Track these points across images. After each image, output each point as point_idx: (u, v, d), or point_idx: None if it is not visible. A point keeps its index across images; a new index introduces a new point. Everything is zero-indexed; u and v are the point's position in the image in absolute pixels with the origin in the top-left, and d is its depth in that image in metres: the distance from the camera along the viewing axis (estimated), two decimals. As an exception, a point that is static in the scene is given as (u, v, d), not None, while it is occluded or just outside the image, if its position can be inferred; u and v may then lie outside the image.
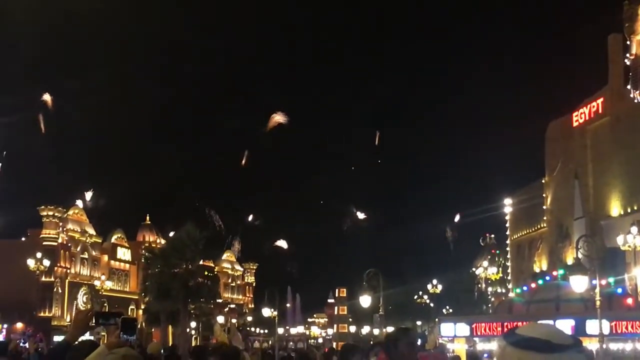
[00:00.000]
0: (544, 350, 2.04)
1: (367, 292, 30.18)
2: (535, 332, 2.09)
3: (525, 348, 2.06)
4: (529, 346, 2.05)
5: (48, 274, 63.13)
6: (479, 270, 64.92)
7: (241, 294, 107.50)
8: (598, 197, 42.10)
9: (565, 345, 2.07)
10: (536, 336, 2.07)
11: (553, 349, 2.04)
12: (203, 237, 46.33)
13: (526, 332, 2.10)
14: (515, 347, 2.08)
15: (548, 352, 2.03)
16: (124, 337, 4.29)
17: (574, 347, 2.08)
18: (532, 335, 2.08)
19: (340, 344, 46.94)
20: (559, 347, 2.05)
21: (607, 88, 42.22)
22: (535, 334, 2.08)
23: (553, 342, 2.05)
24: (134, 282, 79.90)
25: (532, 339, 2.07)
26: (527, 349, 2.05)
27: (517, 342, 2.08)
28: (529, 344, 2.06)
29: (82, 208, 75.29)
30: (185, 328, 46.00)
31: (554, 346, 2.05)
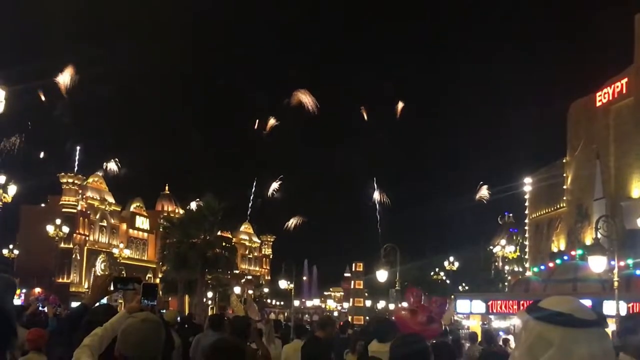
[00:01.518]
0: (567, 324, 1.99)
1: (384, 267, 30.19)
2: (559, 307, 2.04)
3: (548, 322, 2.01)
4: (551, 320, 2.01)
5: (67, 240, 63.74)
6: (496, 249, 64.83)
7: (258, 265, 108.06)
8: (619, 178, 41.73)
9: (588, 321, 2.01)
10: (560, 310, 2.03)
11: (576, 323, 1.99)
12: (221, 208, 46.50)
13: (549, 306, 2.05)
14: (538, 320, 2.03)
15: (570, 327, 1.99)
16: (144, 302, 4.30)
17: (598, 323, 2.03)
18: (556, 309, 2.03)
19: (356, 317, 47.21)
20: (583, 322, 2.00)
21: (631, 68, 41.69)
22: (559, 308, 2.03)
23: (576, 317, 2.01)
24: (152, 251, 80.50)
25: (555, 313, 2.02)
26: (550, 323, 2.00)
27: (540, 316, 2.04)
28: (551, 318, 2.01)
29: (101, 176, 75.80)
30: (202, 298, 46.35)
31: (576, 321, 2.00)
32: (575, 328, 1.99)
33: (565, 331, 1.98)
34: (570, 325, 1.99)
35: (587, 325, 2.00)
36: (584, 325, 2.00)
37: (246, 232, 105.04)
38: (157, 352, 3.81)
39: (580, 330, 1.99)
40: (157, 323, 3.88)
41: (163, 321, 8.78)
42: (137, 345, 3.73)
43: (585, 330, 1.99)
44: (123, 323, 3.87)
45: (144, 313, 3.93)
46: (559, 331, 1.99)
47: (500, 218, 71.86)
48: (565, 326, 1.99)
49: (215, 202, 46.74)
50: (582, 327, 1.99)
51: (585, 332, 1.99)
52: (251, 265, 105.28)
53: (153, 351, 3.79)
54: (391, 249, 31.88)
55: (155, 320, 3.89)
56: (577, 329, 1.99)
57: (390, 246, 32.08)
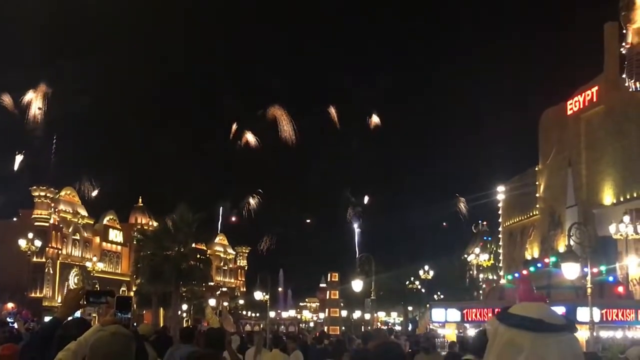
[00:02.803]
0: (537, 329, 1.99)
1: (359, 277, 30.25)
2: (528, 312, 2.05)
3: (518, 327, 2.01)
4: (521, 325, 2.01)
5: (39, 254, 63.02)
6: (470, 257, 65.16)
7: (233, 277, 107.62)
8: (591, 186, 42.14)
9: (558, 326, 2.02)
10: (529, 316, 2.03)
11: (546, 328, 2.00)
12: (196, 219, 46.26)
13: (519, 312, 2.06)
14: (508, 326, 2.03)
15: (541, 332, 1.99)
16: (119, 316, 4.25)
17: (567, 328, 2.04)
18: (525, 315, 2.04)
19: (332, 327, 47.13)
20: (552, 326, 2.01)
21: (602, 77, 42.19)
22: (529, 314, 2.04)
23: (546, 322, 2.01)
24: (126, 264, 79.93)
25: (524, 318, 2.03)
26: (519, 328, 2.01)
27: (510, 322, 2.04)
28: (521, 323, 2.01)
29: (74, 189, 75.26)
30: (176, 310, 45.99)
31: (546, 326, 2.00)
32: (545, 333, 1.99)
33: (536, 336, 1.99)
34: (540, 331, 1.99)
35: (557, 330, 2.01)
36: (554, 330, 2.00)
37: (221, 244, 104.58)
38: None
39: (550, 335, 1.99)
40: (127, 336, 3.84)
41: (137, 335, 8.73)
42: (106, 358, 3.69)
43: (555, 335, 2.00)
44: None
45: (114, 326, 3.88)
46: (529, 336, 1.99)
47: (475, 226, 72.24)
48: (535, 331, 1.99)
49: (190, 213, 46.50)
50: (552, 332, 2.00)
51: (555, 337, 2.00)
52: (226, 277, 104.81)
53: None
54: (366, 258, 31.95)
55: (125, 333, 3.84)
56: (547, 334, 1.99)
57: (365, 256, 32.17)
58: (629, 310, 21.83)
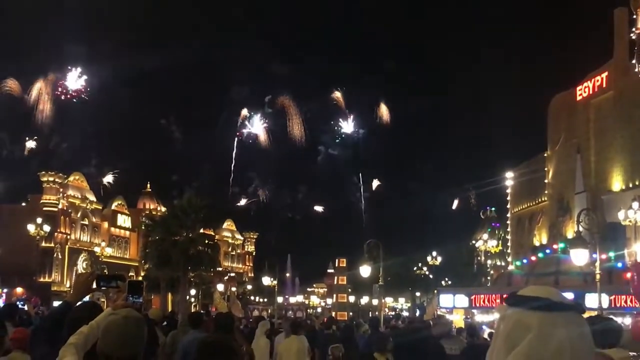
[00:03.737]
0: (545, 309, 1.98)
1: (367, 263, 30.25)
2: (536, 293, 2.05)
3: (526, 307, 2.00)
4: (529, 305, 2.00)
5: (48, 239, 63.26)
6: (478, 243, 65.06)
7: (241, 262, 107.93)
8: (600, 172, 42.01)
9: (566, 304, 2.02)
10: (536, 295, 2.03)
11: (553, 307, 1.99)
12: (204, 205, 46.39)
13: (527, 293, 2.06)
14: (515, 307, 2.03)
15: (548, 311, 1.98)
16: (130, 300, 4.26)
17: (575, 307, 2.03)
18: (532, 295, 2.04)
19: (340, 313, 47.27)
20: (560, 305, 2.00)
21: (611, 62, 41.96)
22: (536, 294, 2.04)
23: (553, 301, 2.01)
24: (134, 249, 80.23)
25: (532, 299, 2.02)
26: (528, 309, 2.00)
27: (517, 302, 2.03)
28: (529, 304, 2.01)
29: (82, 174, 75.47)
30: (184, 295, 46.22)
31: (554, 304, 1.99)
32: (553, 312, 1.98)
33: (543, 315, 1.97)
34: (548, 310, 1.98)
35: (564, 309, 2.00)
36: (562, 309, 1.99)
37: (229, 229, 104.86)
38: (139, 348, 3.77)
39: (558, 314, 1.98)
40: (139, 319, 3.84)
41: (148, 319, 8.76)
42: (118, 342, 3.69)
43: (563, 314, 1.99)
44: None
45: (125, 310, 3.89)
46: (537, 315, 1.98)
47: (483, 212, 72.14)
48: (543, 311, 1.98)
49: (197, 199, 46.63)
50: (560, 311, 1.99)
51: (563, 315, 1.99)
52: (234, 262, 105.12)
53: (135, 348, 3.75)
54: (374, 244, 31.94)
55: (137, 316, 3.85)
56: (554, 313, 1.98)
57: (373, 242, 32.15)
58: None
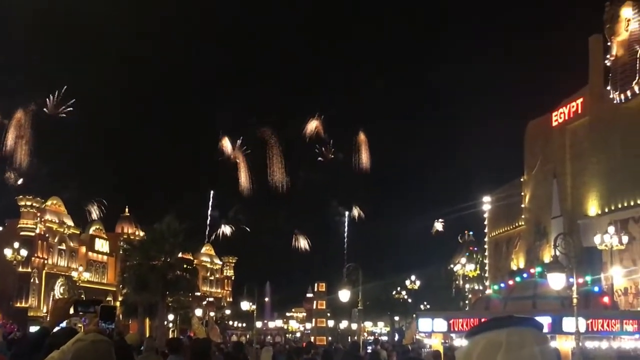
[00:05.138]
0: (511, 324, 2.06)
1: (346, 287, 30.23)
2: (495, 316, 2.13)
3: (492, 329, 2.06)
4: (495, 326, 2.06)
5: (25, 264, 62.68)
6: (457, 267, 65.29)
7: (220, 287, 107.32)
8: (576, 197, 42.40)
9: (528, 320, 2.10)
10: (500, 316, 2.11)
11: (518, 322, 2.07)
12: (182, 229, 46.21)
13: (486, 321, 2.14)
14: (482, 333, 2.08)
15: (514, 325, 2.05)
16: (102, 325, 4.26)
17: (536, 325, 2.09)
18: (493, 317, 2.12)
19: (319, 337, 47.12)
20: (524, 320, 2.08)
21: (587, 88, 42.50)
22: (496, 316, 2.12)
23: (516, 317, 2.09)
24: (112, 274, 79.63)
25: (496, 319, 2.09)
26: (494, 329, 2.06)
27: (483, 328, 2.09)
28: (495, 325, 2.07)
29: (60, 199, 75.00)
30: (162, 320, 45.88)
31: (518, 320, 2.08)
32: (519, 326, 2.06)
33: (511, 330, 2.04)
34: (515, 325, 2.06)
35: (528, 325, 2.08)
36: (526, 324, 2.07)
37: (207, 254, 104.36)
38: None
39: (524, 328, 2.06)
40: (107, 342, 3.85)
41: (126, 344, 8.75)
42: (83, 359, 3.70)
43: (528, 329, 2.06)
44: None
45: (92, 334, 3.89)
46: (504, 331, 2.04)
47: (461, 237, 72.46)
48: (509, 326, 2.05)
49: (176, 223, 46.44)
50: (525, 326, 2.06)
51: (529, 330, 2.06)
52: (213, 287, 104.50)
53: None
54: (353, 268, 31.96)
55: (104, 340, 3.85)
56: (520, 327, 2.06)
57: (352, 266, 32.17)
58: (614, 321, 21.95)
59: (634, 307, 35.63)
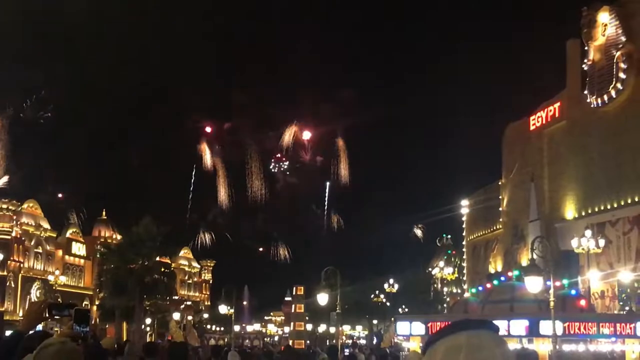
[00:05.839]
0: (468, 327, 2.08)
1: (325, 290, 30.21)
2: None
3: (450, 334, 2.08)
4: (452, 331, 2.09)
5: (1, 267, 62.24)
6: (435, 271, 65.50)
7: (198, 291, 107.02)
8: (553, 200, 42.62)
9: (485, 322, 2.12)
10: (456, 321, 2.13)
11: (474, 325, 2.09)
12: (160, 232, 46.00)
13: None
14: (441, 339, 2.10)
15: (472, 328, 2.08)
16: (76, 329, 4.20)
17: (493, 328, 2.12)
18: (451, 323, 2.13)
19: (297, 341, 47.03)
20: (480, 323, 2.11)
21: (564, 92, 42.76)
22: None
23: (472, 320, 2.11)
24: (89, 278, 79.16)
25: (453, 324, 2.12)
26: (452, 334, 2.08)
27: (442, 334, 2.11)
28: (452, 330, 2.09)
29: (36, 202, 74.45)
30: (140, 324, 45.64)
31: (475, 323, 2.10)
32: (476, 329, 2.08)
33: (469, 332, 2.07)
34: (473, 328, 2.08)
35: (484, 327, 2.10)
36: (483, 327, 2.10)
37: (185, 257, 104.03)
38: None
39: (481, 330, 2.08)
40: (73, 348, 3.78)
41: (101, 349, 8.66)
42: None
43: (485, 331, 2.08)
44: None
45: (59, 340, 3.82)
46: (464, 334, 2.06)
47: (439, 240, 72.68)
48: (467, 329, 2.08)
49: (154, 226, 46.21)
50: (481, 329, 2.09)
51: (486, 332, 2.08)
52: (191, 290, 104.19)
53: None
54: (332, 271, 31.94)
55: (70, 350, 3.76)
56: (478, 330, 2.08)
57: (330, 269, 32.15)
58: (591, 324, 22.05)
59: (611, 311, 35.83)
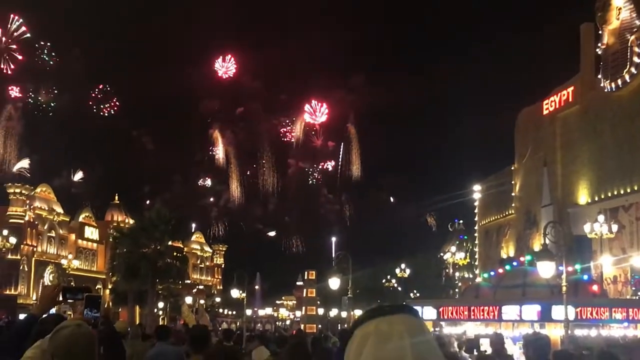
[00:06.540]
0: (378, 314, 1.96)
1: (336, 275, 30.22)
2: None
3: (362, 322, 1.98)
4: (365, 319, 1.98)
5: (14, 251, 62.52)
6: (447, 255, 65.39)
7: (210, 275, 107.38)
8: (566, 185, 42.47)
9: (398, 307, 2.01)
10: (370, 309, 2.02)
11: (386, 310, 1.97)
12: (173, 217, 46.08)
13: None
14: (355, 329, 1.99)
15: (383, 315, 1.96)
16: (87, 314, 4.21)
17: (408, 310, 2.00)
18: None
19: (309, 325, 47.13)
20: (393, 308, 1.99)
21: (577, 77, 42.52)
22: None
23: (385, 306, 2.00)
24: (102, 262, 79.52)
25: (366, 312, 2.01)
26: (364, 322, 1.97)
27: (355, 324, 2.00)
28: (365, 317, 1.99)
29: (50, 186, 74.80)
30: (152, 308, 45.80)
31: (387, 308, 1.98)
32: (387, 315, 1.96)
33: (379, 319, 1.95)
34: (382, 314, 1.96)
35: (397, 311, 1.98)
36: (394, 312, 1.97)
37: (198, 242, 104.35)
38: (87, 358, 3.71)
39: (392, 315, 1.96)
40: (88, 330, 3.79)
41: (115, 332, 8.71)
42: (69, 355, 3.65)
43: (398, 316, 1.96)
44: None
45: (74, 323, 3.83)
46: (373, 322, 1.95)
47: (451, 225, 72.56)
48: (377, 316, 1.96)
49: (166, 211, 46.30)
50: (393, 314, 1.96)
51: (400, 318, 1.96)
52: (203, 274, 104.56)
53: (82, 356, 3.70)
54: (343, 256, 31.96)
55: (84, 329, 3.78)
56: (389, 316, 1.96)
57: (342, 254, 32.17)
58: (603, 309, 21.99)
59: (623, 296, 35.76)
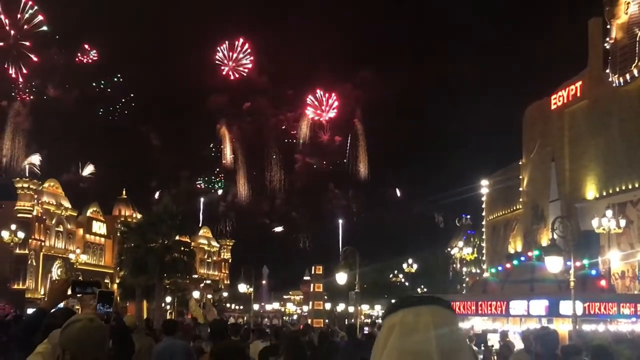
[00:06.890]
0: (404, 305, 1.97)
1: (343, 270, 30.20)
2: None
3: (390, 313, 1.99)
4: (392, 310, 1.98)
5: (22, 246, 62.70)
6: (454, 251, 65.35)
7: (217, 270, 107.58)
8: (574, 180, 42.35)
9: (428, 298, 2.01)
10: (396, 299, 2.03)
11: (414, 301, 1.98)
12: (180, 211, 46.18)
13: None
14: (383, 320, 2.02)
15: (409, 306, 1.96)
16: (100, 309, 4.21)
17: (437, 301, 2.00)
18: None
19: (316, 320, 47.19)
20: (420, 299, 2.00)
21: (586, 72, 42.36)
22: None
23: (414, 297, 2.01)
24: (109, 256, 79.74)
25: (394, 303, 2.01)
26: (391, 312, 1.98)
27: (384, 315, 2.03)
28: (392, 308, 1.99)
29: (57, 181, 75.01)
30: (160, 303, 45.92)
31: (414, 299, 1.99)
32: (415, 306, 1.96)
33: (405, 310, 1.95)
34: (410, 304, 1.97)
35: (425, 302, 1.98)
36: (423, 302, 1.98)
37: (205, 237, 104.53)
38: (98, 352, 3.71)
39: (421, 307, 1.96)
40: (100, 324, 3.79)
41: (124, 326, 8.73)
42: (81, 349, 3.65)
43: (426, 307, 1.96)
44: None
45: (86, 317, 3.83)
46: (399, 313, 1.95)
47: (458, 220, 72.49)
48: (403, 307, 1.96)
49: (174, 206, 46.40)
50: (420, 305, 1.96)
51: (429, 308, 1.96)
52: (210, 269, 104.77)
53: (95, 352, 3.70)
54: (350, 251, 31.94)
55: (97, 323, 3.78)
56: (417, 307, 1.96)
57: (349, 249, 32.16)
58: (611, 304, 21.95)
59: (631, 291, 35.68)
